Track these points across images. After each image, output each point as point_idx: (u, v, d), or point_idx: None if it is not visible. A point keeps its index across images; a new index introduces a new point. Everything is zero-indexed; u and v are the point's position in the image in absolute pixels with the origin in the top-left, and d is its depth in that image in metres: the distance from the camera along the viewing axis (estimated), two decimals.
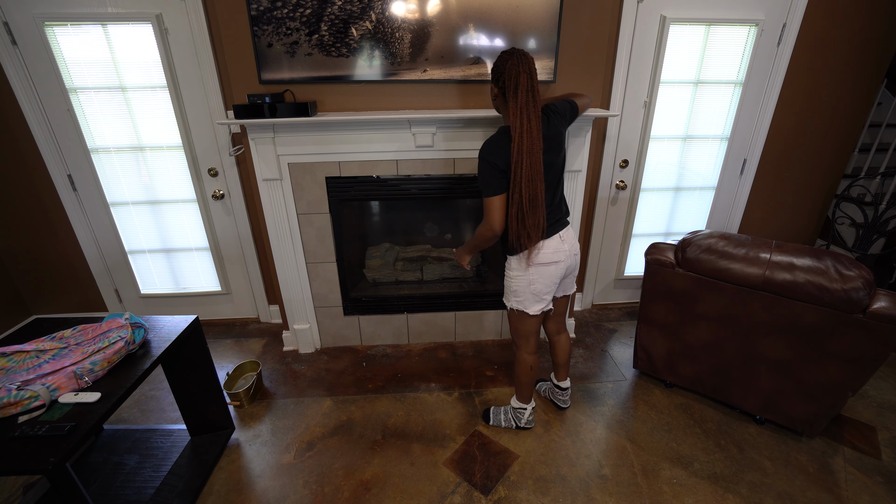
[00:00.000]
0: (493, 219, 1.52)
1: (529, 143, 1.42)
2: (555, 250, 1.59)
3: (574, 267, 1.72)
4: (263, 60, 1.90)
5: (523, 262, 1.59)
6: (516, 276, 1.63)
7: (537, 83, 1.44)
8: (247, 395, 2.10)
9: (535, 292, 1.63)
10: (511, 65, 1.42)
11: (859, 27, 2.32)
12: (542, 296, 1.65)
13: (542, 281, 1.61)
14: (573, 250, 1.66)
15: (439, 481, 1.72)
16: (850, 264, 1.63)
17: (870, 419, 2.02)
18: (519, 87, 1.40)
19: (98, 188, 2.46)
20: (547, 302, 1.68)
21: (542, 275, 1.60)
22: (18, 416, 1.22)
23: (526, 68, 1.41)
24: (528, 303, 1.65)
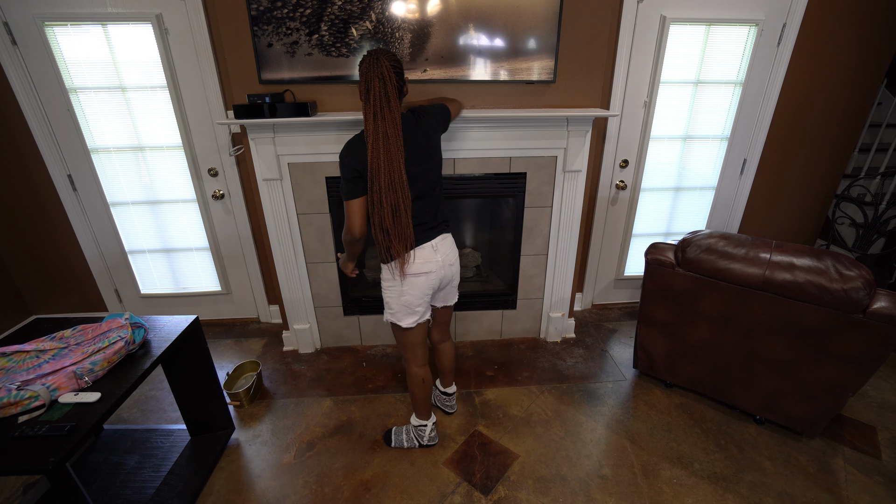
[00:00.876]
0: (353, 222, 1.45)
1: (387, 151, 1.35)
2: (425, 260, 1.52)
3: (451, 278, 1.64)
4: (263, 60, 1.90)
5: (395, 273, 1.51)
6: (388, 287, 1.56)
7: (392, 87, 1.35)
8: (247, 395, 2.10)
9: (406, 304, 1.55)
10: (364, 68, 1.35)
11: (859, 27, 2.32)
12: (415, 308, 1.56)
13: (412, 293, 1.53)
14: (448, 261, 1.59)
15: (439, 481, 1.72)
16: (850, 264, 1.63)
17: (870, 419, 2.02)
18: (370, 91, 1.34)
19: (98, 188, 2.46)
20: (420, 314, 1.59)
21: (412, 286, 1.52)
22: (18, 416, 1.22)
23: (378, 72, 1.33)
24: (401, 315, 1.58)
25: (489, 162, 2.18)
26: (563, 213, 2.30)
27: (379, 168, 1.36)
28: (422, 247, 1.52)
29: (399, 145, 1.37)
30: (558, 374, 2.33)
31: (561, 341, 2.61)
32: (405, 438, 1.87)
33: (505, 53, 1.95)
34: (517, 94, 2.09)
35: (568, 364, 2.41)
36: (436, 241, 1.56)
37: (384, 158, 1.36)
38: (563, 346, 2.57)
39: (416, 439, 1.86)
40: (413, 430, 1.86)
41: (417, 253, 1.51)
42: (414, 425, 1.86)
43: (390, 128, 1.36)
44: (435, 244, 1.56)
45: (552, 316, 2.55)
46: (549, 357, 2.46)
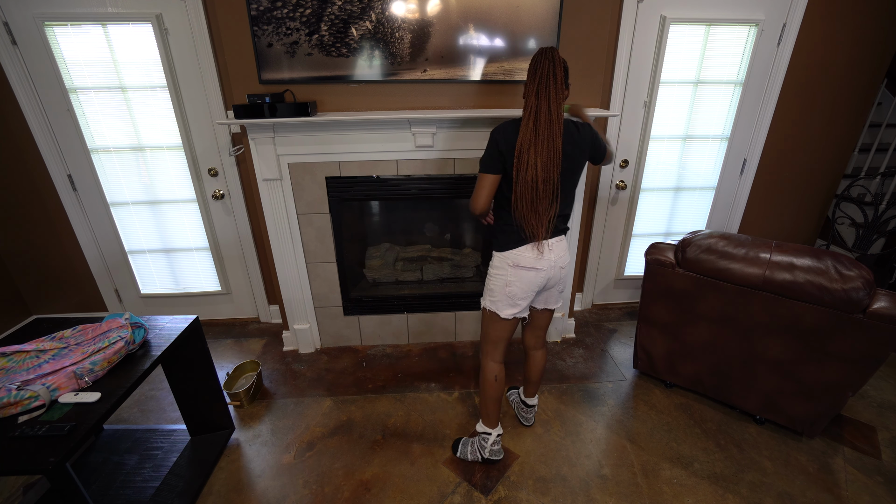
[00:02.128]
0: (478, 196, 1.47)
1: (548, 126, 1.34)
2: (536, 257, 1.51)
3: (558, 280, 1.62)
4: (263, 60, 1.90)
5: (505, 262, 1.52)
6: (495, 274, 1.56)
7: (560, 73, 1.35)
8: (247, 395, 2.10)
9: (510, 294, 1.54)
10: (536, 55, 1.38)
11: (859, 27, 2.32)
12: (517, 300, 1.55)
13: (518, 284, 1.53)
14: (560, 263, 1.57)
15: (439, 481, 1.72)
16: (850, 264, 1.63)
17: (870, 419, 2.02)
18: (537, 72, 1.36)
19: (98, 188, 2.46)
20: (521, 308, 1.57)
21: (520, 278, 1.52)
22: (18, 416, 1.22)
23: (549, 56, 1.36)
24: (502, 304, 1.56)
25: None
26: None
27: (529, 145, 1.35)
28: (543, 242, 1.51)
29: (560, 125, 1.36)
30: (558, 374, 2.33)
31: (561, 341, 2.61)
32: (469, 450, 1.77)
33: (505, 53, 1.95)
34: (517, 93, 2.09)
35: (568, 364, 2.41)
36: (553, 241, 1.54)
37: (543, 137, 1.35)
38: (563, 346, 2.57)
39: (478, 451, 1.75)
40: (476, 440, 1.76)
41: (528, 248, 1.50)
42: (478, 432, 1.74)
43: (553, 104, 1.35)
44: (551, 243, 1.53)
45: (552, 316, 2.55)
46: (550, 357, 2.46)
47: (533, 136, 1.36)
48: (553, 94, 1.35)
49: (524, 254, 1.51)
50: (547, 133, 1.35)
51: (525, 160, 1.37)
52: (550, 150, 1.36)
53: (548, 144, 1.36)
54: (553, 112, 1.35)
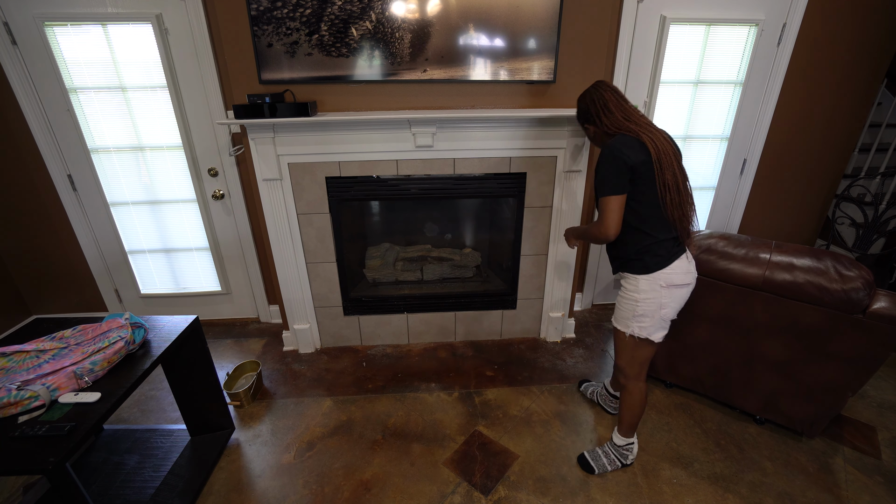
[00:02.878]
0: (610, 221, 1.37)
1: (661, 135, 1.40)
2: (686, 271, 1.44)
3: None
4: (263, 60, 1.90)
5: (656, 284, 1.41)
6: (644, 299, 1.43)
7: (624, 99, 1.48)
8: (247, 395, 2.10)
9: (663, 317, 1.46)
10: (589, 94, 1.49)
11: (859, 27, 2.32)
12: (668, 320, 1.48)
13: (672, 305, 1.45)
14: (695, 272, 1.52)
15: (439, 481, 1.72)
16: (850, 264, 1.63)
17: (870, 419, 2.02)
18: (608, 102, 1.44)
19: (98, 188, 2.46)
20: (669, 327, 1.51)
21: (673, 298, 1.44)
22: (18, 416, 1.22)
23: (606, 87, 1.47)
24: (653, 329, 1.47)
25: (489, 162, 2.18)
26: (563, 213, 2.30)
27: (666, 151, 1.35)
28: (680, 258, 1.44)
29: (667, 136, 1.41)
30: (558, 374, 2.33)
31: (561, 341, 2.61)
32: (607, 462, 1.74)
33: (505, 53, 1.95)
34: (517, 94, 2.09)
35: (568, 364, 2.41)
36: (688, 253, 1.50)
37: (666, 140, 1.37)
38: (563, 346, 2.57)
39: (619, 459, 1.73)
40: (616, 449, 1.74)
41: (677, 263, 1.43)
42: (619, 444, 1.72)
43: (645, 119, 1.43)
44: (688, 255, 1.49)
45: (552, 316, 2.55)
46: (549, 357, 2.46)
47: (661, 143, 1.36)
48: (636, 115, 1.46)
49: (677, 270, 1.42)
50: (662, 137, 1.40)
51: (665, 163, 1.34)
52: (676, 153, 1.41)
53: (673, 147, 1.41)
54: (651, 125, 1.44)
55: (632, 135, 1.39)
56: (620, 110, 1.44)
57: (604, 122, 1.47)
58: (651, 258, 1.42)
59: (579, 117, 1.59)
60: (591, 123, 1.53)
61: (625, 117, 1.43)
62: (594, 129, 1.54)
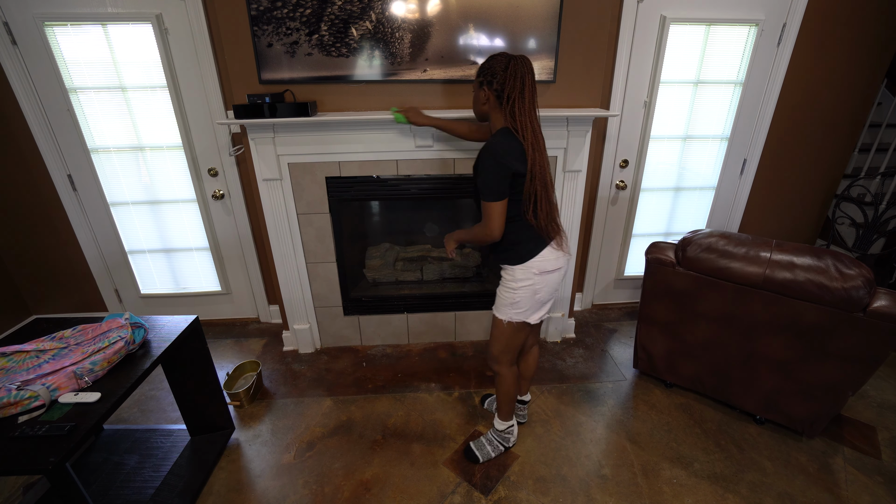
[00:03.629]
0: (495, 225, 1.45)
1: (542, 142, 1.42)
2: (556, 257, 1.54)
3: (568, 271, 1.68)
4: (263, 60, 1.90)
5: (529, 272, 1.52)
6: (521, 287, 1.54)
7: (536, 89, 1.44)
8: (247, 395, 2.10)
9: (540, 300, 1.57)
10: (514, 66, 1.38)
11: (859, 27, 2.32)
12: (545, 302, 1.60)
13: (546, 289, 1.56)
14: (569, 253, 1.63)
15: (439, 481, 1.72)
16: (851, 263, 1.63)
17: (870, 419, 2.02)
18: (525, 86, 1.38)
19: (98, 188, 2.46)
20: (547, 308, 1.63)
21: (546, 283, 1.55)
22: (18, 416, 1.22)
23: (529, 69, 1.40)
24: (531, 312, 1.58)
25: None
26: (563, 213, 2.30)
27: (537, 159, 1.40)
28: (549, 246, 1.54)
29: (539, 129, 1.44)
30: (558, 374, 2.32)
31: (561, 341, 2.61)
32: (491, 448, 1.81)
33: None
34: None
35: (568, 364, 2.41)
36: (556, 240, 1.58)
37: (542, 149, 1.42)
38: (563, 346, 2.57)
39: (500, 444, 1.82)
40: (500, 434, 1.81)
41: (546, 252, 1.52)
42: (500, 429, 1.80)
43: (536, 123, 1.42)
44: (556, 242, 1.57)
45: (552, 316, 2.55)
46: (549, 357, 2.46)
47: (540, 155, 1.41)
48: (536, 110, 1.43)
49: (547, 257, 1.52)
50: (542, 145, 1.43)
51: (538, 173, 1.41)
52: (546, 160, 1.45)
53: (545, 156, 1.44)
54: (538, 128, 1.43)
55: (518, 137, 1.40)
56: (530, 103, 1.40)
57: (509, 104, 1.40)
58: (523, 249, 1.52)
59: (484, 74, 1.44)
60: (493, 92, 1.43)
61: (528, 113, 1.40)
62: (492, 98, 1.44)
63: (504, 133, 1.43)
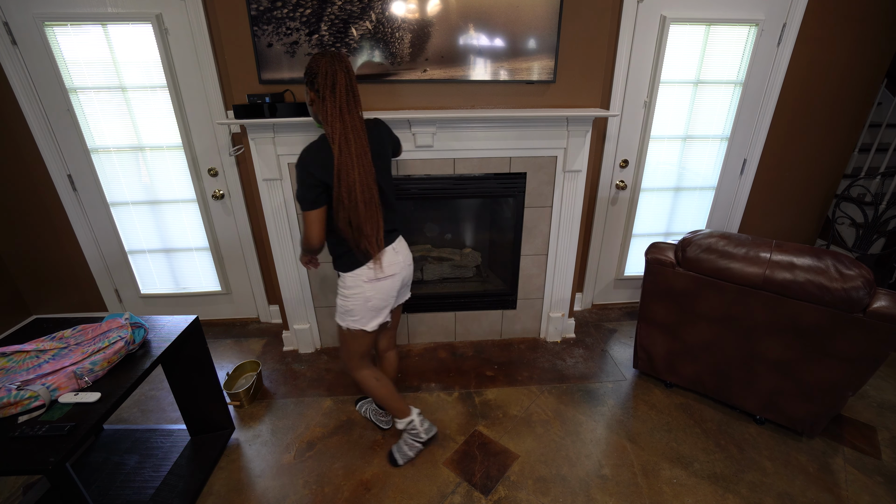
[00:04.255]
0: (312, 233, 1.41)
1: (358, 146, 1.33)
2: (390, 263, 1.53)
3: (409, 277, 1.66)
4: (263, 60, 1.90)
5: (359, 279, 1.50)
6: (352, 295, 1.52)
7: (355, 84, 1.35)
8: (247, 395, 2.10)
9: (373, 308, 1.55)
10: (325, 63, 1.32)
11: (859, 27, 2.32)
12: (381, 310, 1.58)
13: (379, 297, 1.54)
14: (408, 261, 1.62)
15: (439, 481, 1.72)
16: (851, 263, 1.63)
17: (870, 419, 2.02)
18: (336, 85, 1.31)
19: (98, 188, 2.46)
20: (385, 315, 1.60)
21: (378, 290, 1.53)
22: (18, 416, 1.22)
23: (343, 66, 1.33)
24: (366, 320, 1.56)
25: (489, 162, 2.18)
26: (563, 213, 2.30)
27: (352, 167, 1.33)
28: (385, 250, 1.53)
29: (366, 139, 1.38)
30: (558, 374, 2.33)
31: (561, 341, 2.61)
32: (408, 448, 1.79)
33: (505, 53, 1.95)
34: (517, 94, 2.09)
35: (568, 364, 2.41)
36: (396, 244, 1.59)
37: (356, 154, 1.33)
38: (563, 346, 2.57)
39: (414, 440, 1.79)
40: (407, 432, 1.79)
41: (384, 257, 1.52)
42: (403, 427, 1.77)
43: (358, 123, 1.35)
44: (396, 246, 1.58)
45: (552, 316, 2.55)
46: (549, 357, 2.46)
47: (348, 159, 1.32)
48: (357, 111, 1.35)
49: (383, 263, 1.51)
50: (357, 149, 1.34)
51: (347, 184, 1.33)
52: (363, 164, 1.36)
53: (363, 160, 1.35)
54: (360, 131, 1.35)
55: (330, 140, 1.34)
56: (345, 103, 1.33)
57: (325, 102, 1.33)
58: (352, 257, 1.49)
59: (306, 74, 1.39)
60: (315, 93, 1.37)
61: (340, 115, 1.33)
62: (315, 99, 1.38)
63: (319, 139, 1.39)
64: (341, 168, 1.33)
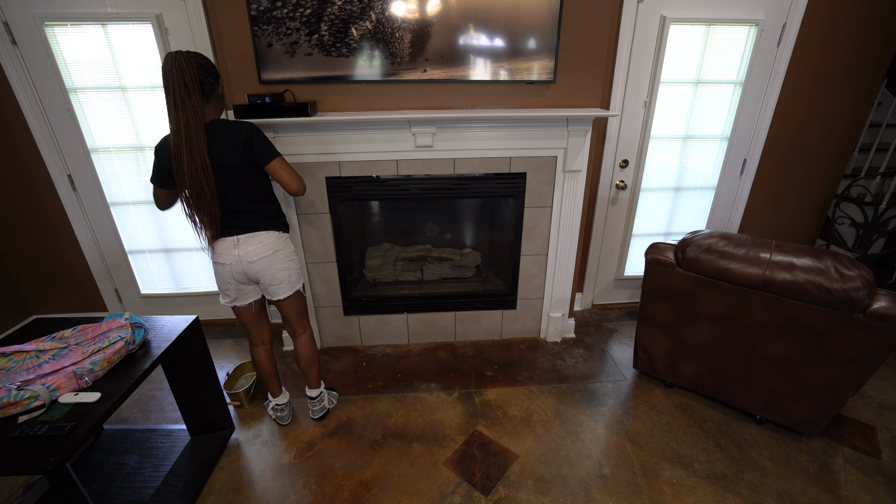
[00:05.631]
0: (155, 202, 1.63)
1: (189, 140, 1.43)
2: (221, 252, 1.63)
3: (257, 274, 1.66)
4: (263, 60, 1.90)
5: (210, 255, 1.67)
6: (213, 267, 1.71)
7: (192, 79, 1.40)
8: (247, 395, 2.10)
9: (218, 285, 1.71)
10: (164, 63, 1.41)
11: (859, 27, 2.32)
12: (225, 291, 1.71)
13: (218, 277, 1.69)
14: (247, 258, 1.62)
15: (439, 481, 1.72)
16: (850, 264, 1.63)
17: (870, 419, 2.02)
18: (169, 82, 1.41)
19: (98, 188, 2.46)
20: (232, 298, 1.72)
21: (217, 272, 1.68)
22: (18, 416, 1.22)
23: (176, 64, 1.40)
24: (221, 294, 1.74)
25: (489, 162, 2.18)
26: (563, 213, 2.30)
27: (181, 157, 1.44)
28: (223, 239, 1.62)
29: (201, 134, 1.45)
30: (558, 374, 2.33)
31: (561, 341, 2.61)
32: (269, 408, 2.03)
33: (505, 53, 1.95)
34: (517, 94, 2.09)
35: (568, 364, 2.41)
36: (242, 237, 1.63)
37: (187, 148, 1.44)
38: (563, 346, 2.57)
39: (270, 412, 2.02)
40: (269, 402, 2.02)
41: (218, 244, 1.63)
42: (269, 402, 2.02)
43: (191, 117, 1.43)
44: (239, 239, 1.63)
45: (552, 316, 2.55)
46: (549, 357, 2.46)
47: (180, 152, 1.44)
48: (189, 105, 1.42)
49: (216, 251, 1.65)
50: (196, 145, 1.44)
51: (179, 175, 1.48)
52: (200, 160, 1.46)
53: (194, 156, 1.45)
54: (193, 125, 1.43)
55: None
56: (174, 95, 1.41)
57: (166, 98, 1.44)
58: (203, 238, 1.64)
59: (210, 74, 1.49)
60: None
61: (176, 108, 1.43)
62: None
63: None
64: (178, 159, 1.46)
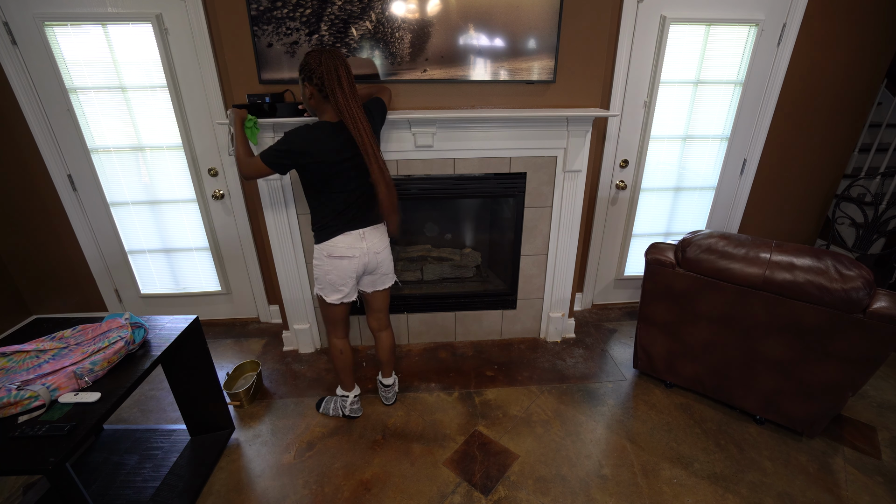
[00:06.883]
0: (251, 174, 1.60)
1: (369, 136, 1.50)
2: (349, 246, 1.66)
3: (377, 265, 1.76)
4: (263, 60, 1.90)
5: (321, 253, 1.68)
6: (317, 265, 1.72)
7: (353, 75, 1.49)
8: (247, 395, 2.10)
9: (330, 282, 1.71)
10: (326, 59, 1.44)
11: (859, 27, 2.32)
12: (340, 286, 1.72)
13: (336, 273, 1.69)
14: (374, 249, 1.72)
15: (439, 481, 1.72)
16: (850, 264, 1.63)
17: (870, 419, 2.02)
18: (341, 78, 1.44)
19: (98, 188, 2.46)
20: (345, 293, 1.73)
21: (335, 267, 1.68)
22: (18, 416, 1.22)
23: (342, 61, 1.46)
24: (327, 291, 1.73)
25: (489, 162, 2.18)
26: (563, 213, 2.30)
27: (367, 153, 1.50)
28: (350, 233, 1.66)
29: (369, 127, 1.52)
30: (558, 374, 2.33)
31: (561, 341, 2.61)
32: (331, 408, 2.05)
33: (505, 53, 1.95)
34: (517, 94, 2.09)
35: (568, 364, 2.41)
36: (366, 230, 1.69)
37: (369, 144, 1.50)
38: (563, 346, 2.57)
39: (340, 409, 2.02)
40: (339, 400, 2.03)
41: (342, 239, 1.65)
42: (339, 395, 2.02)
43: (362, 113, 1.50)
44: (364, 232, 1.69)
45: (552, 316, 2.55)
46: (549, 357, 2.46)
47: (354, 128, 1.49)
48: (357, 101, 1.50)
49: (338, 244, 1.65)
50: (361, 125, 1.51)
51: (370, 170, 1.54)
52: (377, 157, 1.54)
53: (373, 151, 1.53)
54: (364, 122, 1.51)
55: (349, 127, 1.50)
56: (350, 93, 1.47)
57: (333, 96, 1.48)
58: (321, 233, 1.66)
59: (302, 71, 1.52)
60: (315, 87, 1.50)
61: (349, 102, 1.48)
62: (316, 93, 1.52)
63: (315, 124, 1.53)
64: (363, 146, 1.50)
